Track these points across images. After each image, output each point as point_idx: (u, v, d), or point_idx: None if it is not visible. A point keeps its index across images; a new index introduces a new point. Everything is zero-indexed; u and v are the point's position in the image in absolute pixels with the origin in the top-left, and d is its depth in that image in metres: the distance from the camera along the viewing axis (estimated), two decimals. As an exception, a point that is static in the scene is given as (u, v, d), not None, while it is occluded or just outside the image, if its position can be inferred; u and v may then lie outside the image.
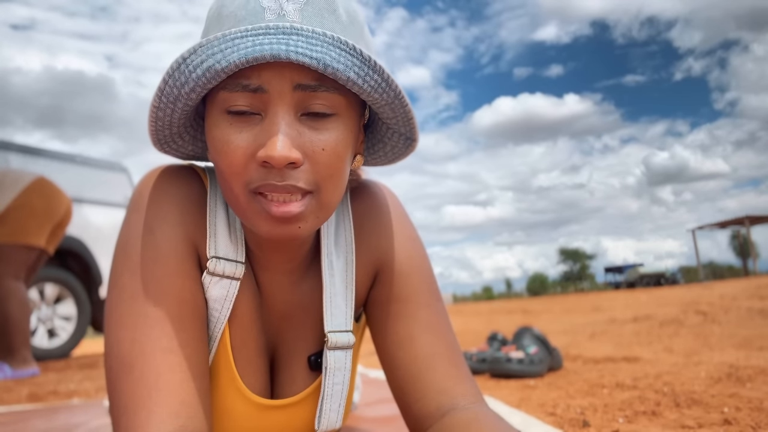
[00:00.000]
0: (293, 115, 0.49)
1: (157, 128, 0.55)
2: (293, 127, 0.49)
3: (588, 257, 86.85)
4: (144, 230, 0.56)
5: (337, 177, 0.52)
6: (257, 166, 0.49)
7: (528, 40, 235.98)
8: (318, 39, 0.47)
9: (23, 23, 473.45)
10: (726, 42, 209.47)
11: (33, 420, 1.47)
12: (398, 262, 0.66)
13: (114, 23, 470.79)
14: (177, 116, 0.53)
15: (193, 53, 0.47)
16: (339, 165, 0.51)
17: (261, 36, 0.46)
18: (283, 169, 0.48)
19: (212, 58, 0.46)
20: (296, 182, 0.49)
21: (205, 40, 0.47)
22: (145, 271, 0.54)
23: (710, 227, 33.39)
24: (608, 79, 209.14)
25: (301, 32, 0.46)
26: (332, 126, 0.51)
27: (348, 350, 0.63)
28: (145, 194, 0.58)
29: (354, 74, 0.48)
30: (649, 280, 32.25)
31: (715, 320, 3.09)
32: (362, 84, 0.49)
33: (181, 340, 0.53)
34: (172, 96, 0.50)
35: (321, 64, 0.46)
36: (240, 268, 0.59)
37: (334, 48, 0.47)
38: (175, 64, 0.48)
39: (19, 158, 3.97)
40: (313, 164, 0.50)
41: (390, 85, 0.50)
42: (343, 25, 0.52)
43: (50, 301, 3.87)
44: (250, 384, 0.61)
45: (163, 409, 0.49)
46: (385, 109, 0.54)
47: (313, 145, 0.50)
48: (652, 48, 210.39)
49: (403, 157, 0.63)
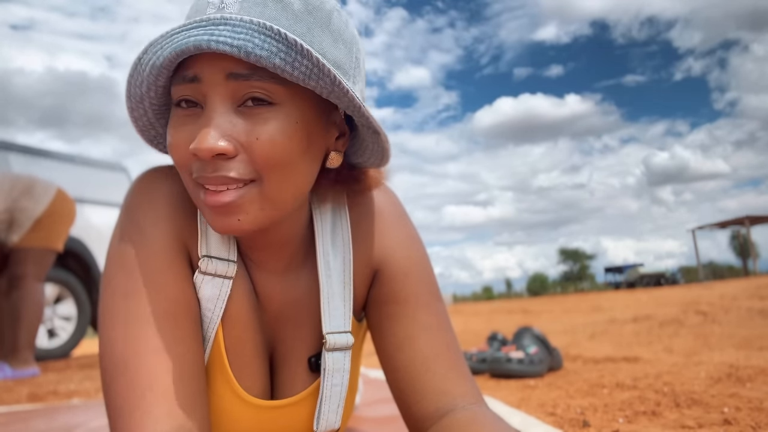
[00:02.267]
0: (228, 106, 0.49)
1: (140, 128, 0.57)
2: (225, 118, 0.49)
3: (588, 257, 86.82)
4: (135, 230, 0.56)
5: (281, 168, 0.50)
6: (194, 158, 0.50)
7: (527, 41, 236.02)
8: (243, 27, 0.46)
9: (23, 23, 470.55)
10: (726, 42, 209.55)
11: (33, 420, 1.47)
12: (397, 261, 0.66)
13: (113, 23, 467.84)
14: (151, 115, 0.55)
15: (145, 53, 0.49)
16: (281, 155, 0.50)
17: (193, 29, 0.47)
18: (214, 160, 0.49)
19: (155, 55, 0.48)
20: (228, 172, 0.49)
21: (153, 39, 0.49)
22: (137, 270, 0.54)
23: (710, 227, 33.41)
24: (608, 79, 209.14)
25: (229, 22, 0.47)
26: (271, 116, 0.50)
27: (347, 351, 0.63)
28: (136, 195, 0.59)
29: (280, 60, 0.46)
30: (649, 280, 32.23)
31: (715, 320, 3.09)
32: (292, 70, 0.47)
33: (175, 339, 0.53)
34: (137, 96, 0.52)
35: (243, 51, 0.45)
36: (232, 266, 0.59)
37: (258, 35, 0.46)
38: (132, 65, 0.50)
39: (19, 158, 3.97)
40: (248, 154, 0.49)
41: (322, 70, 0.47)
42: (293, 12, 0.50)
43: (50, 301, 3.87)
44: (247, 384, 0.60)
45: (158, 410, 0.49)
46: (334, 99, 0.51)
47: (247, 135, 0.49)
48: (652, 48, 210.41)
49: (383, 155, 0.60)
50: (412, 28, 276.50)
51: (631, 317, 3.86)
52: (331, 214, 0.66)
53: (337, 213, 0.66)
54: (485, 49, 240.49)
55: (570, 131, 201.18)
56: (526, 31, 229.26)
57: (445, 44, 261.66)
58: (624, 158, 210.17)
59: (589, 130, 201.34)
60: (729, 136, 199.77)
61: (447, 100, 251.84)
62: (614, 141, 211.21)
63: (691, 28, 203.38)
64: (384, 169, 0.66)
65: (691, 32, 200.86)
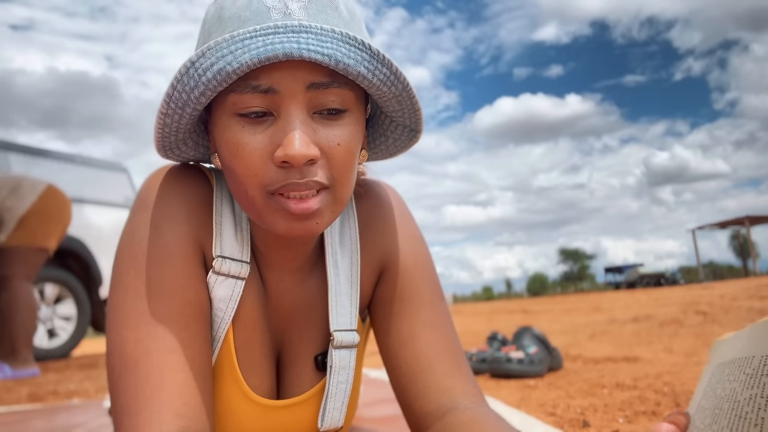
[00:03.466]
0: (306, 113, 0.49)
1: (164, 135, 0.54)
2: (308, 125, 0.49)
3: (588, 257, 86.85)
4: (150, 228, 0.56)
5: (350, 171, 0.53)
6: (275, 167, 0.49)
7: (527, 41, 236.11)
8: (327, 36, 0.47)
9: (22, 24, 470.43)
10: (726, 42, 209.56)
11: (33, 420, 1.47)
12: (402, 260, 0.66)
13: (113, 24, 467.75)
14: (185, 122, 0.52)
15: (201, 56, 0.46)
16: (352, 159, 0.52)
17: (271, 35, 0.46)
18: (302, 166, 0.48)
19: (222, 60, 0.46)
20: (315, 177, 0.49)
21: (213, 43, 0.46)
22: (151, 269, 0.54)
23: (710, 227, 33.38)
24: (608, 79, 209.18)
25: (311, 29, 0.46)
26: (345, 122, 0.51)
27: (352, 349, 0.63)
28: (152, 193, 0.58)
29: (364, 69, 0.48)
30: (649, 280, 32.21)
31: (715, 320, 3.09)
32: (372, 78, 0.49)
33: (185, 339, 0.53)
34: (180, 101, 0.49)
35: (333, 60, 0.46)
36: (245, 267, 0.59)
37: (343, 44, 0.47)
38: (183, 68, 0.47)
39: (19, 158, 3.97)
40: (329, 160, 0.50)
41: (398, 77, 0.50)
42: (345, 20, 0.51)
43: (50, 301, 3.87)
44: (255, 384, 0.60)
45: (166, 410, 0.49)
46: (392, 102, 0.54)
47: (329, 141, 0.50)
48: (652, 48, 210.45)
49: (405, 149, 0.63)
50: (412, 29, 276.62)
51: (631, 317, 3.86)
52: (340, 214, 0.66)
53: (345, 213, 0.67)
54: (485, 50, 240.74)
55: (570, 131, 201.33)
56: (526, 32, 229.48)
57: (445, 44, 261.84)
58: (624, 158, 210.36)
59: (589, 130, 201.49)
60: (729, 136, 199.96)
61: (447, 100, 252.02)
62: (614, 141, 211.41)
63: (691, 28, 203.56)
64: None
65: (691, 32, 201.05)
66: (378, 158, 0.66)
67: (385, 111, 0.57)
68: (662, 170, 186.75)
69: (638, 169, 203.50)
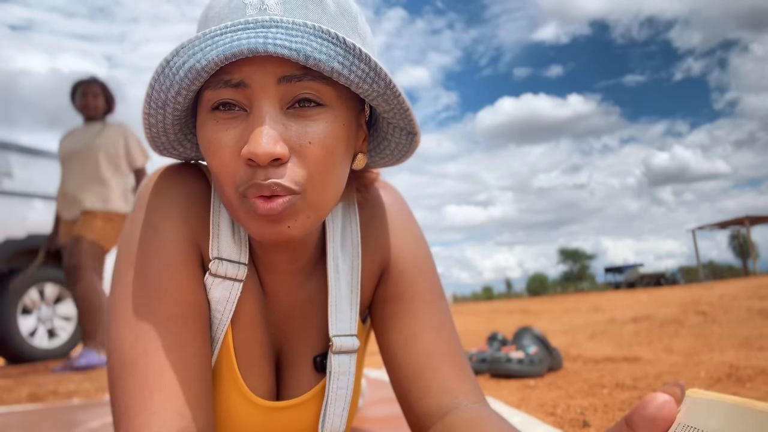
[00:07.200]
0: (278, 109, 0.48)
1: (152, 135, 0.53)
2: (278, 121, 0.47)
3: (588, 257, 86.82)
4: (147, 228, 0.56)
5: (327, 174, 0.50)
6: (243, 165, 0.48)
7: (527, 41, 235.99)
8: (298, 30, 0.45)
9: (22, 24, 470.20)
10: (726, 42, 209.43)
11: (33, 420, 1.47)
12: (403, 260, 0.66)
13: (112, 24, 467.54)
14: (169, 122, 0.52)
15: (175, 55, 0.46)
16: (329, 160, 0.49)
17: (240, 31, 0.45)
18: (268, 166, 0.47)
19: (193, 58, 0.46)
20: (280, 179, 0.47)
21: (186, 41, 0.46)
22: (149, 269, 0.54)
23: (710, 227, 33.38)
24: (608, 79, 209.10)
25: (281, 24, 0.45)
26: (321, 117, 0.49)
27: (352, 354, 0.63)
28: (152, 193, 0.57)
29: (338, 64, 0.46)
30: (649, 280, 32.22)
31: (715, 320, 3.09)
32: (348, 74, 0.47)
33: (185, 341, 0.53)
34: (160, 101, 0.49)
35: (302, 55, 0.45)
36: (243, 269, 0.58)
37: (315, 38, 0.45)
38: (159, 68, 0.47)
39: (19, 158, 3.97)
40: (300, 158, 0.48)
41: (379, 74, 0.48)
42: (331, 15, 0.50)
43: (50, 301, 3.87)
44: (254, 386, 0.60)
45: (166, 411, 0.49)
46: (380, 102, 0.52)
47: (300, 138, 0.48)
48: (651, 48, 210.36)
49: (408, 154, 0.61)
50: (412, 29, 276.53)
51: (631, 317, 3.86)
52: (342, 216, 0.66)
53: (347, 215, 0.66)
54: (484, 50, 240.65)
55: (570, 131, 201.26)
56: (525, 32, 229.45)
57: (445, 45, 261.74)
58: (624, 158, 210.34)
59: (589, 131, 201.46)
60: (729, 136, 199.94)
61: (446, 101, 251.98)
62: (614, 141, 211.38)
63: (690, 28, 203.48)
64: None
65: (690, 32, 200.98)
66: (386, 164, 0.64)
67: (380, 113, 0.56)
68: (662, 170, 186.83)
69: (638, 169, 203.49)
